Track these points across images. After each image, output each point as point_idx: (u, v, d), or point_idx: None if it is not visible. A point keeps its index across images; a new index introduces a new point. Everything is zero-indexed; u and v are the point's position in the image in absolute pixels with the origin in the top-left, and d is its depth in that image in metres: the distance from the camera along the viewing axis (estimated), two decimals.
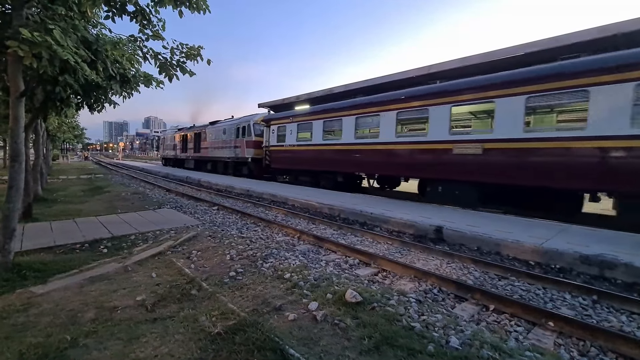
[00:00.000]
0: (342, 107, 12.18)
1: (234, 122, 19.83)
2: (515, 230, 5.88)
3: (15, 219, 4.04)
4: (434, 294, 3.82)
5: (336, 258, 5.00)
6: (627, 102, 6.08)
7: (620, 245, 4.91)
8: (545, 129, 7.86)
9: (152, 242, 5.48)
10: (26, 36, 3.14)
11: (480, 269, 4.62)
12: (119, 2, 4.29)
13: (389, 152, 10.39)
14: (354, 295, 3.13)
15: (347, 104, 12.11)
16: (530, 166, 7.24)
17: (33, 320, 2.86)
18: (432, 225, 6.22)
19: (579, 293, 3.84)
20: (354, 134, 11.54)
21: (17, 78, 3.90)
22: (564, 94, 6.90)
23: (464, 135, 9.12)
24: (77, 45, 3.73)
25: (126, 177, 20.42)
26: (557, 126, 8.05)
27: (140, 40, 4.76)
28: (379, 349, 2.45)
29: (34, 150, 9.42)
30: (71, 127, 21.79)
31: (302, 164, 13.91)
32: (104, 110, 5.53)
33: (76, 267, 4.17)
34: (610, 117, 6.28)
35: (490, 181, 7.95)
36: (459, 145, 8.48)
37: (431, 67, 12.23)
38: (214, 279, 3.84)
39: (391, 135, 10.29)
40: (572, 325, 3.01)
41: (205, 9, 4.42)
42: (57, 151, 41.38)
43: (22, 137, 4.06)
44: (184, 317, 2.90)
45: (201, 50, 4.74)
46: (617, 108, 6.20)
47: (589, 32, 8.59)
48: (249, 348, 2.40)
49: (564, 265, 4.61)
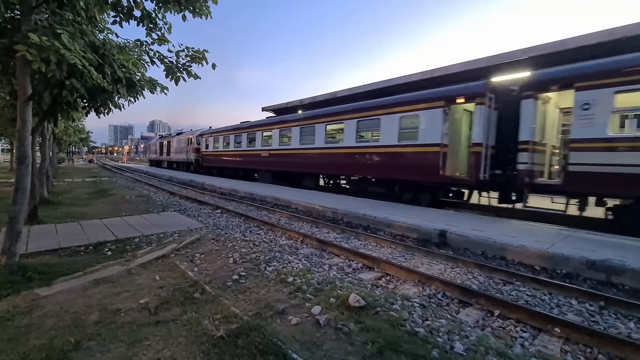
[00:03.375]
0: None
1: (184, 134, 29.20)
2: (520, 234, 5.83)
3: (21, 221, 4.07)
4: (438, 298, 3.79)
5: (339, 262, 4.98)
6: (397, 126, 10.15)
7: (627, 251, 4.85)
8: (366, 140, 11.66)
9: (156, 245, 5.50)
10: (35, 41, 3.19)
11: (485, 274, 4.58)
12: (125, 7, 4.35)
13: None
14: (357, 299, 3.11)
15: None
16: (362, 163, 11.31)
17: (37, 322, 2.87)
18: (436, 229, 6.18)
19: (586, 299, 3.79)
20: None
21: (24, 82, 3.96)
22: (372, 120, 11.05)
23: (334, 143, 12.78)
24: (85, 49, 3.78)
25: (130, 180, 20.56)
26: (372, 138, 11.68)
27: (147, 44, 4.82)
28: (382, 354, 2.42)
29: (40, 153, 9.52)
30: (77, 131, 22.01)
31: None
32: (110, 114, 5.61)
33: (80, 270, 4.19)
34: (391, 134, 10.29)
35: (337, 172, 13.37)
36: (330, 151, 12.76)
37: (434, 71, 12.26)
38: (217, 282, 3.84)
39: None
40: (579, 332, 2.97)
41: (208, 14, 4.48)
42: (62, 154, 41.83)
43: (29, 140, 4.10)
44: (187, 320, 2.90)
45: (206, 54, 4.79)
46: (393, 129, 10.21)
47: (593, 36, 8.58)
48: (252, 352, 2.39)
49: (570, 270, 4.55)
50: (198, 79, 4.95)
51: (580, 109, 6.77)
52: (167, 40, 4.70)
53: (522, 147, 7.58)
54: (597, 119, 6.53)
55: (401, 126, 9.98)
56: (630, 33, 7.88)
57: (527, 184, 7.54)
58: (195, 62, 4.78)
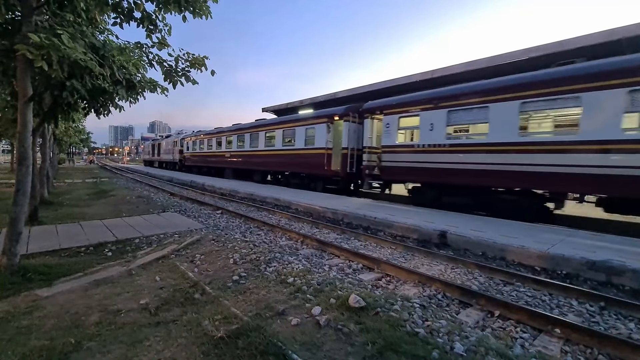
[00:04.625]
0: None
1: (171, 138, 33.32)
2: (521, 235, 5.83)
3: (21, 222, 4.08)
4: (438, 299, 3.79)
5: (339, 262, 4.98)
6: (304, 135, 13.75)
7: (627, 251, 4.84)
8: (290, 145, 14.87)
9: (156, 245, 5.51)
10: (35, 40, 3.20)
11: (485, 275, 4.57)
12: (126, 9, 4.36)
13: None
14: (357, 300, 3.11)
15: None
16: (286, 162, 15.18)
17: (37, 323, 2.87)
18: (436, 230, 6.18)
19: (586, 299, 3.79)
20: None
21: (25, 83, 3.96)
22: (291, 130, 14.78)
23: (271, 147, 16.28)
24: (85, 50, 3.79)
25: (131, 181, 20.58)
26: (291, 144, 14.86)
27: (147, 47, 4.83)
28: (382, 354, 2.42)
29: (41, 154, 9.53)
30: (77, 132, 22.04)
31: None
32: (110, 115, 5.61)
33: (81, 270, 4.20)
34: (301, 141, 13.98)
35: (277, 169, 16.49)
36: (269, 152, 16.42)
37: (435, 72, 12.25)
38: (217, 283, 3.85)
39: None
40: (579, 333, 2.96)
41: (208, 15, 4.49)
42: (63, 155, 41.91)
43: (29, 141, 4.11)
44: (187, 321, 2.90)
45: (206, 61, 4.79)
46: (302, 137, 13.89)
47: (593, 37, 8.58)
48: (252, 353, 2.39)
49: (571, 271, 4.55)
50: (196, 84, 4.96)
51: (385, 127, 10.77)
52: (167, 44, 4.70)
53: (364, 151, 11.53)
54: (392, 133, 10.56)
55: (306, 135, 13.73)
56: (631, 33, 7.88)
57: (367, 175, 11.42)
58: (195, 68, 4.78)
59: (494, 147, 7.94)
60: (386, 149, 10.62)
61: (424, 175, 9.68)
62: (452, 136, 9.34)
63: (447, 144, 8.98)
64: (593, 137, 6.53)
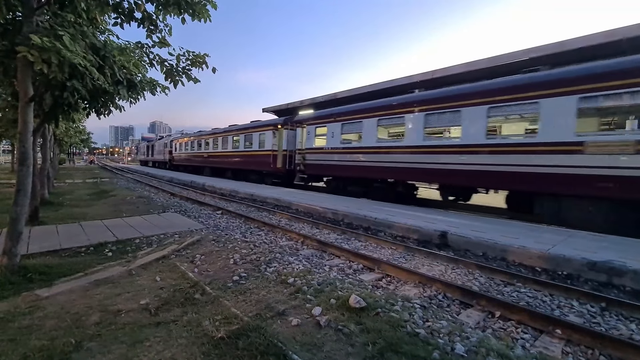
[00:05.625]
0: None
1: (163, 139, 36.80)
2: (521, 235, 5.82)
3: (22, 222, 4.08)
4: (438, 300, 3.78)
5: (340, 263, 4.97)
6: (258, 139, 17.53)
7: (628, 252, 4.84)
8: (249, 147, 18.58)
9: (157, 246, 5.50)
10: (36, 42, 3.20)
11: (486, 275, 4.57)
12: (126, 9, 4.36)
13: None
14: (357, 300, 3.11)
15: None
16: (248, 161, 18.59)
17: (38, 323, 2.87)
18: (436, 231, 6.18)
19: (587, 300, 3.78)
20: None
21: (26, 83, 3.97)
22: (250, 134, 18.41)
23: (236, 149, 19.88)
24: (86, 51, 3.79)
25: (131, 181, 20.58)
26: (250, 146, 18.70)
27: (147, 47, 4.83)
28: (383, 355, 2.42)
29: (42, 155, 9.54)
30: (78, 132, 22.05)
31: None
32: (111, 115, 5.61)
33: (81, 271, 4.20)
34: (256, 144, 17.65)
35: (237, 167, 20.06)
36: (236, 153, 19.92)
37: (435, 72, 12.26)
38: (217, 283, 3.84)
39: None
40: (580, 333, 2.96)
41: (207, 17, 4.48)
42: (63, 155, 41.96)
43: (30, 142, 4.11)
44: (187, 322, 2.90)
45: (207, 58, 4.79)
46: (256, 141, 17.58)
47: (594, 37, 8.57)
48: (252, 353, 2.39)
49: (572, 271, 4.54)
50: (198, 82, 4.95)
51: (307, 134, 14.48)
52: (168, 43, 4.70)
53: (296, 152, 15.41)
54: (311, 139, 14.10)
55: (259, 139, 17.22)
56: (631, 34, 7.88)
57: (298, 170, 14.95)
58: (196, 66, 4.78)
59: (366, 150, 11.47)
60: (308, 151, 14.23)
61: (331, 170, 13.29)
62: (344, 141, 12.73)
63: (341, 147, 12.64)
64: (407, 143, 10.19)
